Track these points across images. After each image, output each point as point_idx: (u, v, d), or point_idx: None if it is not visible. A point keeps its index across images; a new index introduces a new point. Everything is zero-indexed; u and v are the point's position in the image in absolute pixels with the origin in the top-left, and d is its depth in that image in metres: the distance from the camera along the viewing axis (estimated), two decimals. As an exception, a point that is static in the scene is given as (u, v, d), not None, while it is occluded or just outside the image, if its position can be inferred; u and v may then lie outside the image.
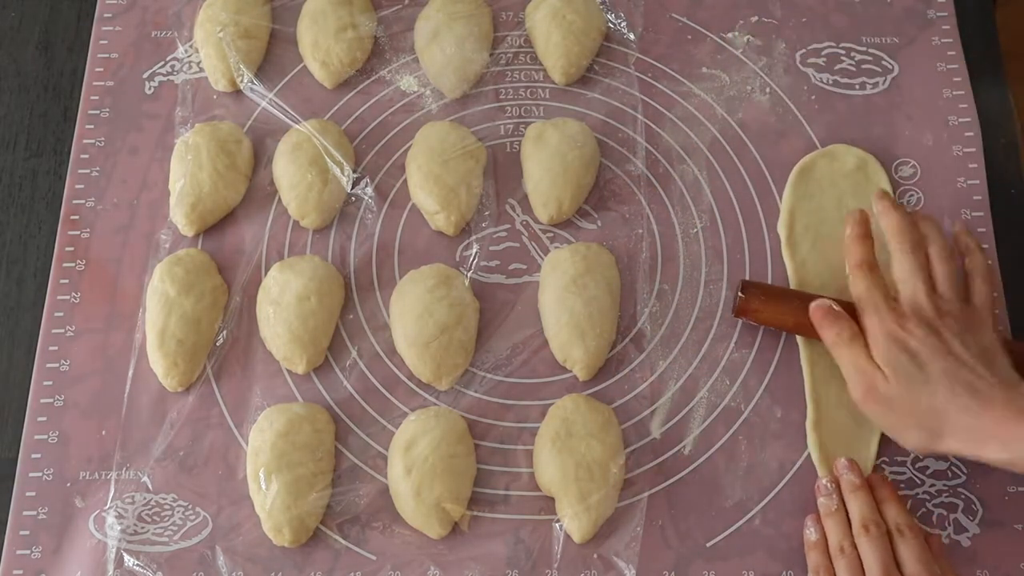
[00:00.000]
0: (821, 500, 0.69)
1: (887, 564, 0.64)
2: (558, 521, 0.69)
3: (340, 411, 0.73)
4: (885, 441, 0.71)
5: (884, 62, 0.84)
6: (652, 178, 0.81)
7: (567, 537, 0.69)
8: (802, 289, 0.76)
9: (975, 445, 0.63)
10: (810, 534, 0.68)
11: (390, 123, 0.83)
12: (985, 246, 0.77)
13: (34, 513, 0.70)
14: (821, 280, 0.76)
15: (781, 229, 0.78)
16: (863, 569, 0.65)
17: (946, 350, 0.65)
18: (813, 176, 0.80)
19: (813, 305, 0.70)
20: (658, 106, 0.83)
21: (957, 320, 0.67)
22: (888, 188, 0.79)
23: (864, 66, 0.84)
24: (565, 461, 0.69)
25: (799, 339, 0.74)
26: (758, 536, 0.69)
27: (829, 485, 0.69)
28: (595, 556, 0.69)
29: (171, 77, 0.84)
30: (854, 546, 0.66)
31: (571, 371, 0.74)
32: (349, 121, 0.83)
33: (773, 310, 0.73)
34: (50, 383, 0.74)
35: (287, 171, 0.79)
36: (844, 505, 0.68)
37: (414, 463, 0.69)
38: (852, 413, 0.72)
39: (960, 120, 0.82)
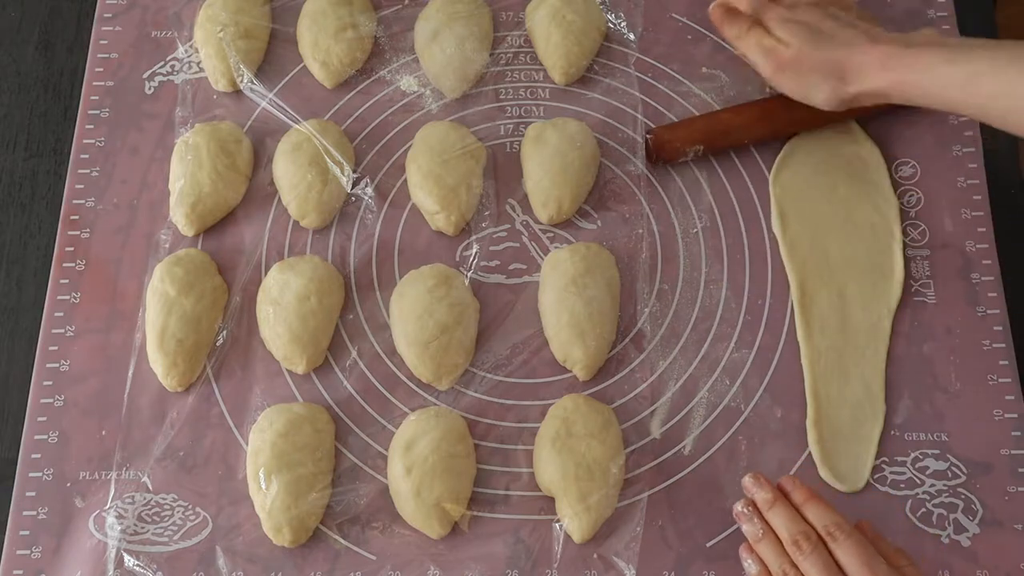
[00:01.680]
0: (745, 528, 0.65)
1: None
2: (558, 521, 0.69)
3: (340, 411, 0.73)
4: (885, 441, 0.71)
5: (884, 62, 0.84)
6: (652, 178, 0.81)
7: (567, 537, 0.69)
8: (802, 292, 0.76)
9: (874, 76, 0.70)
10: (749, 567, 0.64)
11: (390, 123, 0.83)
12: (985, 246, 0.77)
13: (34, 513, 0.70)
14: (829, 289, 0.76)
15: (776, 228, 0.78)
16: None
17: (834, 17, 0.74)
18: (797, 166, 0.80)
19: (712, 7, 0.80)
20: (658, 106, 0.83)
21: (836, 4, 0.76)
22: (886, 177, 0.79)
23: (864, 66, 0.84)
24: (565, 461, 0.69)
25: (804, 346, 0.74)
26: (758, 536, 0.69)
27: (746, 510, 0.65)
28: (595, 556, 0.69)
29: (171, 77, 0.84)
30: (794, 566, 0.62)
31: (571, 371, 0.74)
32: (349, 121, 0.83)
33: (682, 131, 0.79)
34: (50, 383, 0.74)
35: (287, 171, 0.79)
36: (769, 526, 0.64)
37: (414, 463, 0.69)
38: (852, 413, 0.72)
39: (960, 120, 0.82)
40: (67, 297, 0.76)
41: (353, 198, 0.80)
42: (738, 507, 0.65)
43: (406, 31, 0.86)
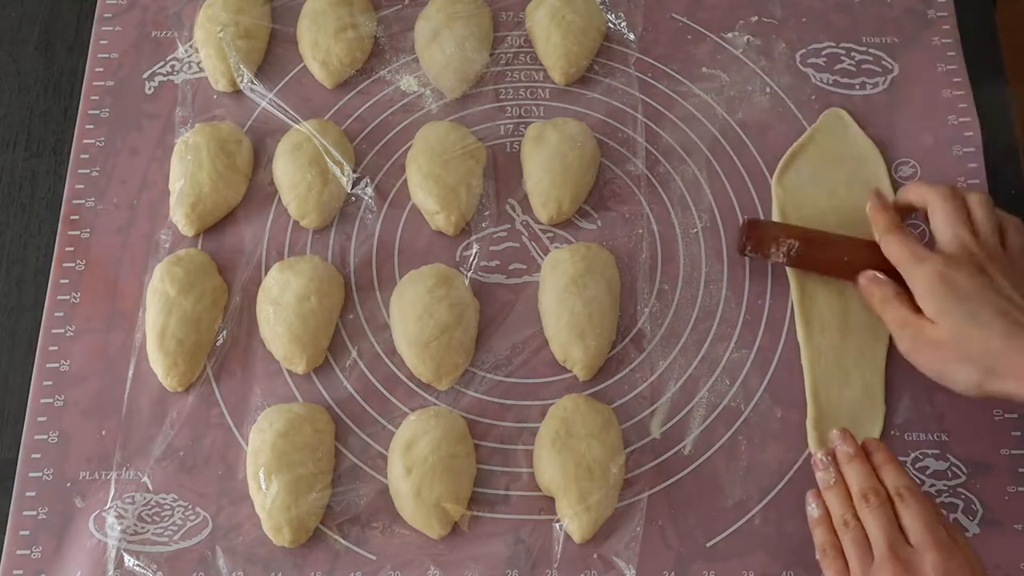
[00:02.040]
0: (819, 475, 0.68)
1: (891, 532, 0.62)
2: (558, 521, 0.69)
3: (340, 411, 0.73)
4: (885, 441, 0.71)
5: (884, 62, 0.84)
6: (652, 178, 0.81)
7: (567, 537, 0.69)
8: (802, 292, 0.76)
9: None
10: (812, 511, 0.67)
11: (390, 123, 0.83)
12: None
13: (34, 513, 0.70)
14: (824, 281, 0.76)
15: None
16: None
17: (997, 289, 0.64)
18: (799, 167, 0.80)
19: (861, 276, 0.71)
20: (658, 106, 0.83)
21: (1002, 260, 0.66)
22: (886, 178, 0.79)
23: (864, 66, 0.84)
24: (565, 461, 0.69)
25: (799, 338, 0.74)
26: (758, 536, 0.69)
27: (825, 458, 0.67)
28: (595, 556, 0.69)
29: (171, 77, 0.84)
30: (857, 518, 0.64)
31: (571, 371, 0.74)
32: (349, 121, 0.83)
33: (781, 229, 0.74)
34: (50, 383, 0.74)
35: (287, 171, 0.79)
36: (842, 477, 0.67)
37: (414, 463, 0.69)
38: (852, 413, 0.72)
39: (960, 120, 0.82)
40: (67, 297, 0.76)
41: (353, 198, 0.80)
42: (817, 455, 0.68)
43: (406, 31, 0.86)
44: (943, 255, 0.67)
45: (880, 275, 0.70)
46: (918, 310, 0.67)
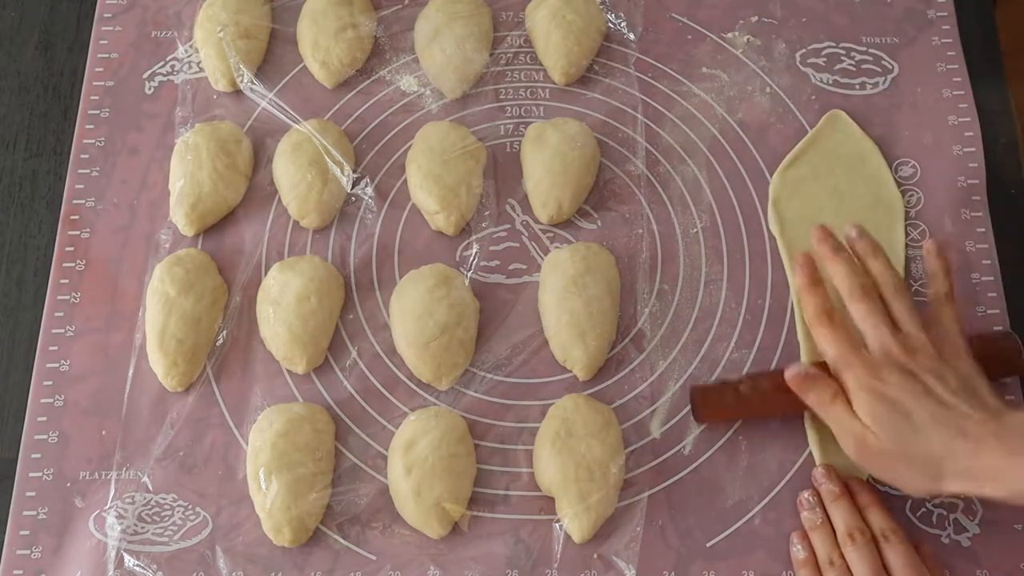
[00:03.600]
0: (804, 514, 0.68)
1: (875, 572, 0.64)
2: (558, 521, 0.69)
3: (340, 411, 0.73)
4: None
5: (884, 62, 0.84)
6: (652, 178, 0.81)
7: (567, 537, 0.69)
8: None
9: (974, 485, 0.61)
10: (797, 552, 0.68)
11: (390, 123, 0.83)
12: (985, 246, 0.77)
13: (34, 513, 0.70)
14: (828, 286, 0.76)
15: (773, 228, 0.78)
16: None
17: (927, 392, 0.63)
18: (798, 166, 0.80)
19: (788, 374, 0.68)
20: (658, 106, 0.83)
21: (929, 356, 0.65)
22: (889, 178, 0.79)
23: (864, 66, 0.84)
24: (565, 461, 0.69)
25: (799, 338, 0.74)
26: (758, 536, 0.69)
27: (811, 499, 0.68)
28: (595, 556, 0.69)
29: (171, 77, 0.84)
30: (842, 557, 0.65)
31: (571, 371, 0.74)
32: (349, 121, 0.83)
33: (732, 409, 0.71)
34: (50, 383, 0.74)
35: (287, 171, 0.79)
36: (828, 517, 0.68)
37: (414, 463, 0.69)
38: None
39: (960, 120, 0.82)
40: (67, 297, 0.76)
41: (353, 198, 0.80)
42: (803, 494, 0.69)
43: (406, 31, 0.86)
44: (868, 361, 0.65)
45: (810, 370, 0.67)
46: None
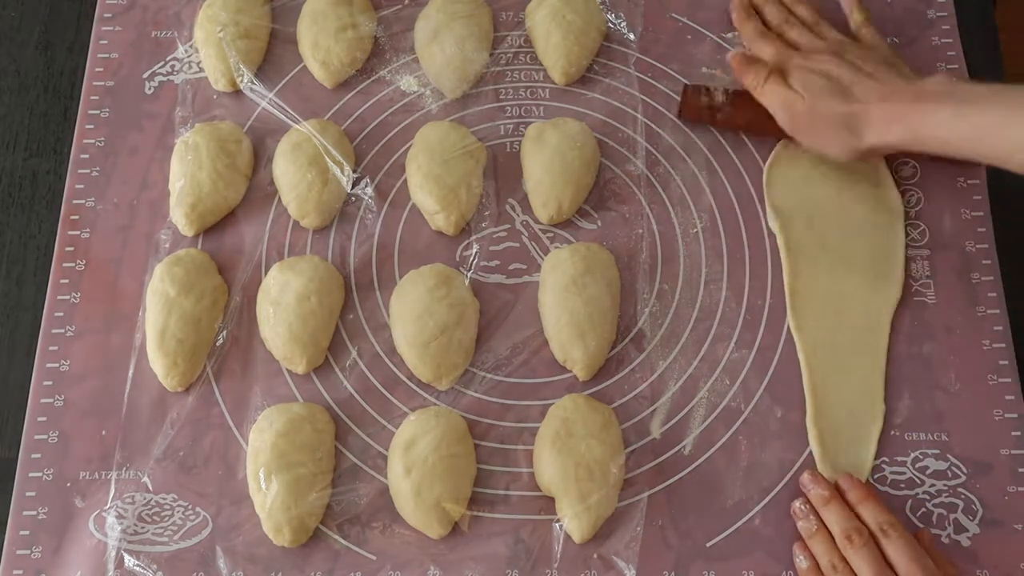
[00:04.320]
0: (800, 524, 0.69)
1: (879, 570, 0.64)
2: (558, 521, 0.69)
3: (340, 411, 0.73)
4: (885, 441, 0.72)
5: (884, 62, 0.84)
6: (652, 178, 0.81)
7: (567, 537, 0.69)
8: (793, 281, 0.76)
9: (884, 131, 0.70)
10: (800, 563, 0.68)
11: (390, 123, 0.83)
12: (985, 246, 0.77)
13: (34, 513, 0.70)
14: (824, 282, 0.76)
15: (773, 226, 0.78)
16: None
17: (852, 65, 0.74)
18: (790, 163, 0.80)
19: (730, 54, 0.80)
20: (658, 106, 0.83)
21: (854, 44, 0.77)
22: (888, 176, 0.79)
23: (864, 66, 0.84)
24: (565, 461, 0.69)
25: (797, 339, 0.74)
26: (758, 536, 0.69)
27: (803, 507, 0.69)
28: (595, 556, 0.69)
29: (171, 77, 0.84)
30: (844, 560, 0.65)
31: (571, 371, 0.74)
32: (349, 121, 0.83)
33: (721, 110, 0.80)
34: (50, 383, 0.74)
35: (287, 171, 0.79)
36: (823, 522, 0.68)
37: (414, 463, 0.69)
38: (852, 412, 0.72)
39: (960, 120, 0.82)
40: (67, 297, 0.76)
41: (353, 198, 0.80)
42: (795, 504, 0.69)
43: (406, 31, 0.86)
44: (804, 53, 0.77)
45: (750, 54, 0.79)
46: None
